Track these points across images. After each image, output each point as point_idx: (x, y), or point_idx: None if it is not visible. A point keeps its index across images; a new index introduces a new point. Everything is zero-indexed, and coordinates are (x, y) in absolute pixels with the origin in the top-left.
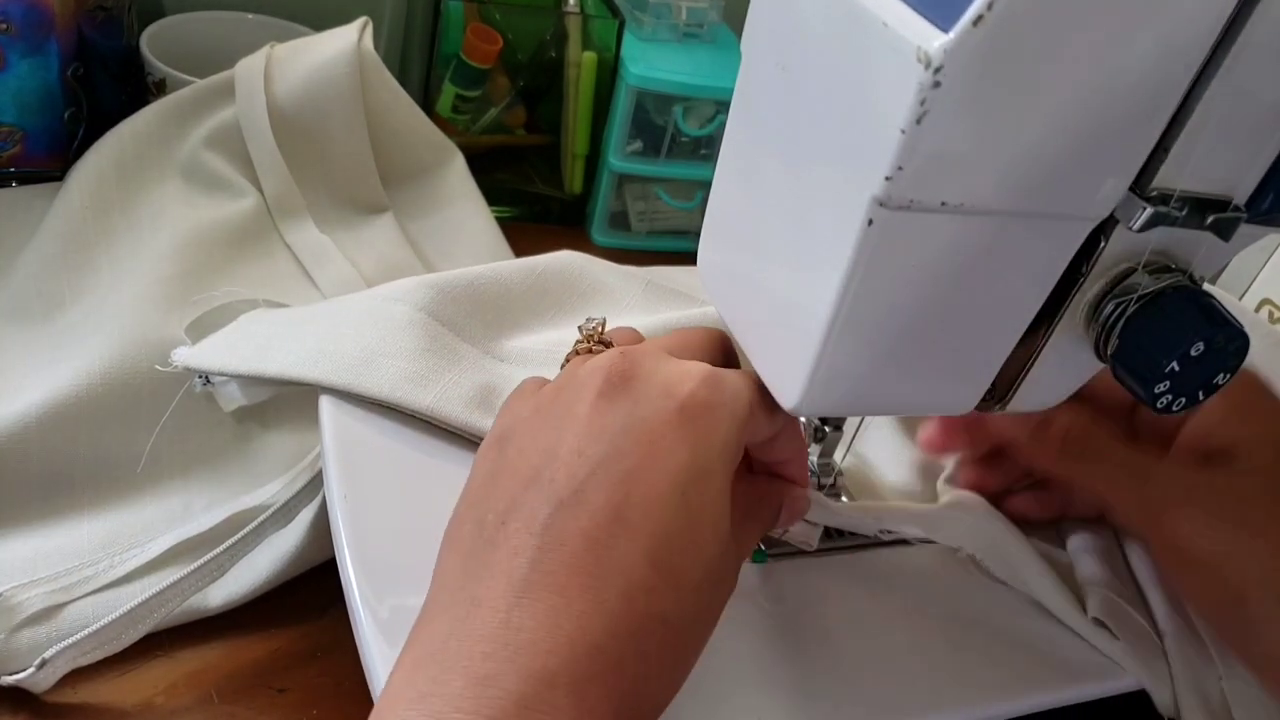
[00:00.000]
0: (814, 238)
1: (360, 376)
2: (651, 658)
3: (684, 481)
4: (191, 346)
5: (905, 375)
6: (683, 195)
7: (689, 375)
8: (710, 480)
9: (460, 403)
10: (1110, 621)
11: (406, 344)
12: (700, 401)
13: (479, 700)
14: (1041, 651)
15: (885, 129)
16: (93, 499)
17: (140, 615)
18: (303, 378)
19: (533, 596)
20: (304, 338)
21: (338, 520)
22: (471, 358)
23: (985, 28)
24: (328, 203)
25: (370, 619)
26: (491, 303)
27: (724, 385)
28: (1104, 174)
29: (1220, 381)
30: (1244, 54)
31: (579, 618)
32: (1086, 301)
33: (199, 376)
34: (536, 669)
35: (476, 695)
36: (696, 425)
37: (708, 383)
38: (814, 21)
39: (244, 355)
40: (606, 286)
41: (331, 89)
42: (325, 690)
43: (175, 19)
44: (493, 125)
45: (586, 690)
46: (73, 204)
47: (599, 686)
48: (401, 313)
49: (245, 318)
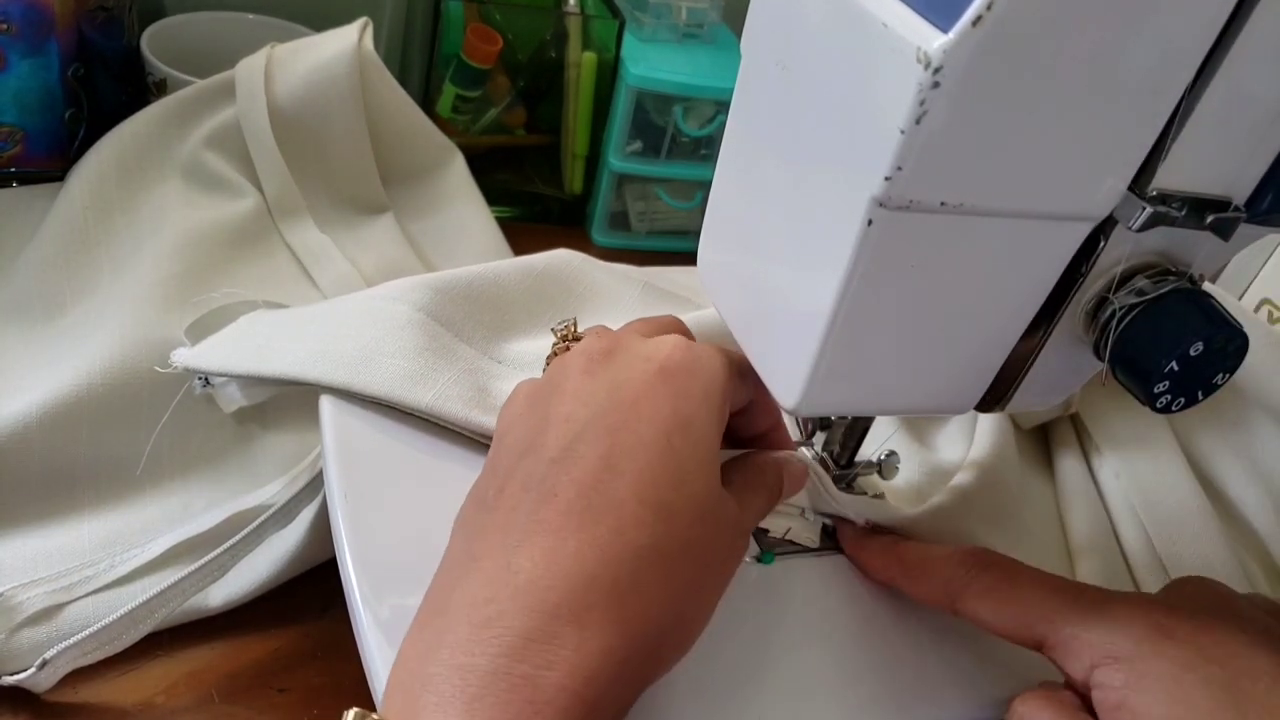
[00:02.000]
0: (814, 238)
1: (359, 375)
2: (649, 588)
3: (669, 429)
4: (191, 347)
5: (905, 375)
6: (683, 195)
7: (665, 343)
8: (692, 428)
9: (460, 400)
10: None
11: (405, 343)
12: (678, 362)
13: (484, 641)
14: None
15: (885, 129)
16: (93, 499)
17: (141, 615)
18: (302, 377)
19: (530, 542)
20: (303, 338)
21: (338, 520)
22: (469, 358)
23: (985, 28)
24: (328, 203)
25: (370, 619)
26: (490, 304)
27: (698, 350)
28: (1103, 174)
29: (1219, 381)
30: (1243, 54)
31: (574, 554)
32: (1086, 301)
33: (199, 378)
34: (536, 604)
35: (481, 637)
36: (676, 381)
37: (682, 348)
38: (814, 22)
39: (243, 356)
40: (604, 288)
41: (332, 89)
42: (325, 690)
43: (175, 19)
44: (493, 125)
45: (587, 619)
46: (73, 204)
47: (599, 614)
48: (401, 312)
49: (245, 318)
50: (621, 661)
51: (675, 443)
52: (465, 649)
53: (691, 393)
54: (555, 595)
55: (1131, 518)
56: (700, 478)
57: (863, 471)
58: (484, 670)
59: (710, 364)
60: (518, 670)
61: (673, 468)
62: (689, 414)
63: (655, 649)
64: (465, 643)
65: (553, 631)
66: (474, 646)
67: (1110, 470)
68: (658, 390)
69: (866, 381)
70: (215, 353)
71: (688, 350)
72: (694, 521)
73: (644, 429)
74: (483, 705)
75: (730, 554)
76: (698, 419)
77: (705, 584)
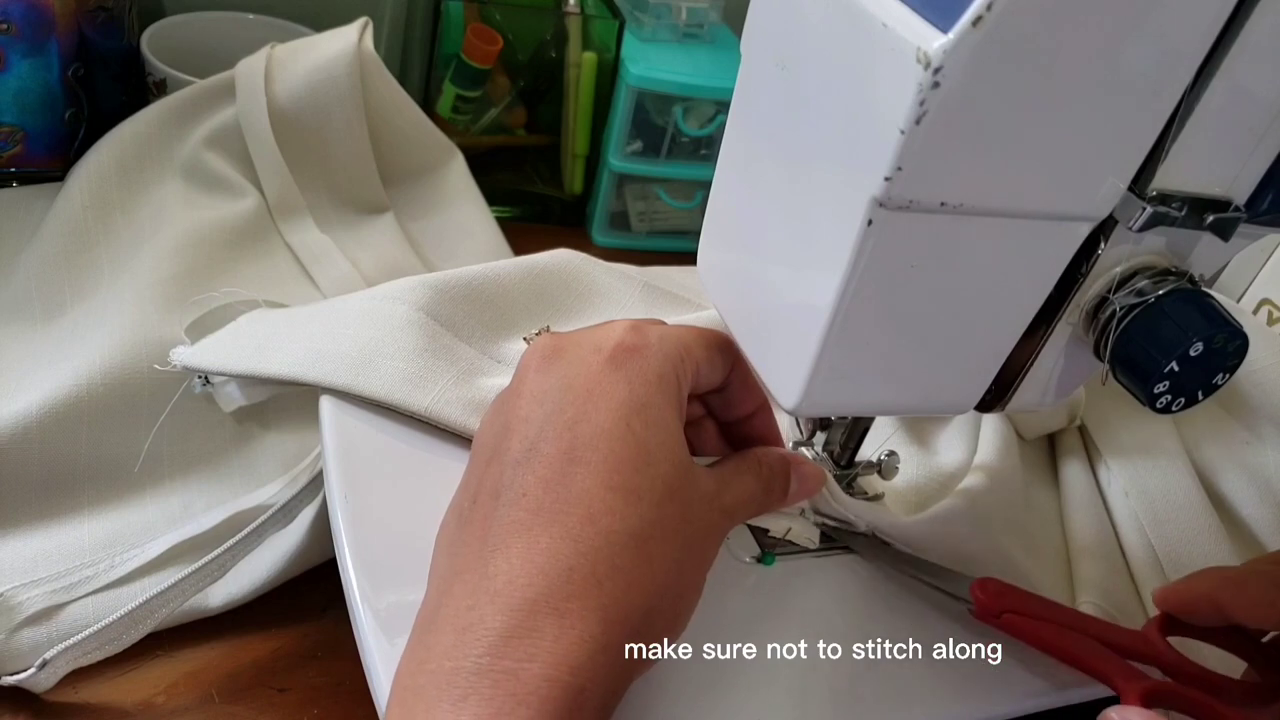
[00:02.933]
0: (814, 238)
1: (358, 377)
2: (627, 572)
3: (626, 414)
4: (190, 346)
5: (905, 375)
6: (683, 195)
7: (613, 330)
8: (649, 409)
9: (458, 405)
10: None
11: (405, 344)
12: (627, 346)
13: (467, 644)
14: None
15: (885, 129)
16: (93, 499)
17: (141, 616)
18: (301, 378)
19: (505, 545)
20: (303, 338)
21: (338, 520)
22: (470, 358)
23: (985, 28)
24: (328, 203)
25: (370, 619)
26: (489, 303)
27: (648, 330)
28: (1103, 174)
29: (1219, 381)
30: (1243, 54)
31: (547, 549)
32: (1086, 301)
33: (198, 377)
34: (515, 602)
35: (464, 641)
36: (628, 366)
37: (631, 331)
38: (814, 22)
39: (243, 355)
40: (603, 288)
41: (332, 89)
42: (325, 690)
43: (175, 19)
44: (493, 125)
45: (566, 609)
46: (73, 204)
47: (578, 603)
48: (400, 312)
49: (245, 318)
50: (605, 647)
51: (635, 426)
52: (450, 655)
53: (646, 375)
54: (533, 591)
55: (1139, 536)
56: (665, 457)
57: (863, 472)
58: (468, 671)
59: (662, 344)
60: (499, 666)
61: (635, 451)
62: (645, 397)
63: (641, 631)
64: (450, 649)
65: (532, 626)
66: (458, 651)
67: (1119, 488)
68: (610, 377)
69: (866, 381)
70: (214, 352)
71: (637, 333)
72: (663, 500)
73: (601, 418)
74: (468, 705)
75: (709, 531)
76: (654, 400)
77: (685, 562)
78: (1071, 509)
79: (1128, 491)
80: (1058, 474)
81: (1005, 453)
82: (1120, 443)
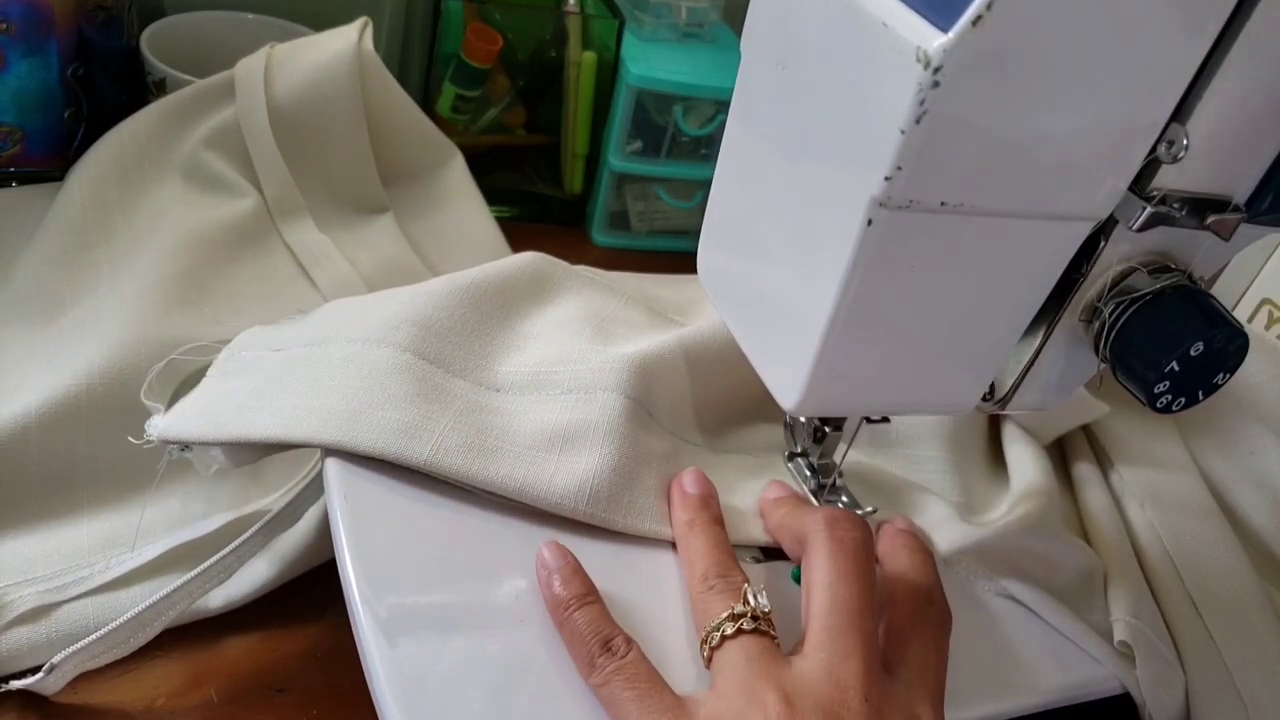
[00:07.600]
0: (814, 238)
1: (350, 433)
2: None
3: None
4: (164, 414)
5: (905, 375)
6: (683, 195)
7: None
8: None
9: (459, 450)
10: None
11: (395, 391)
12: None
13: None
14: (1036, 654)
15: (885, 129)
16: (92, 499)
17: (149, 618)
18: (289, 438)
19: None
20: (285, 393)
21: (338, 520)
22: (465, 395)
23: (985, 28)
24: (328, 203)
25: (370, 619)
26: (474, 330)
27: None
28: (1103, 174)
29: (1220, 381)
30: (1243, 54)
31: None
32: (1086, 301)
33: (176, 445)
34: None
35: None
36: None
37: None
38: (814, 21)
39: (222, 420)
40: (578, 287)
41: (331, 89)
42: (325, 690)
43: (175, 19)
44: (493, 125)
45: None
46: (73, 204)
47: None
48: (386, 356)
49: (215, 374)
50: None
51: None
52: None
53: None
54: None
55: (1158, 547)
56: None
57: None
58: None
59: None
60: None
61: None
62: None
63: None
64: None
65: None
66: None
67: (1134, 499)
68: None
69: (866, 381)
70: (192, 420)
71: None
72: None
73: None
74: None
75: None
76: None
77: None
78: (1091, 521)
79: (1144, 503)
80: (1070, 478)
81: (1048, 473)
82: (1130, 450)
